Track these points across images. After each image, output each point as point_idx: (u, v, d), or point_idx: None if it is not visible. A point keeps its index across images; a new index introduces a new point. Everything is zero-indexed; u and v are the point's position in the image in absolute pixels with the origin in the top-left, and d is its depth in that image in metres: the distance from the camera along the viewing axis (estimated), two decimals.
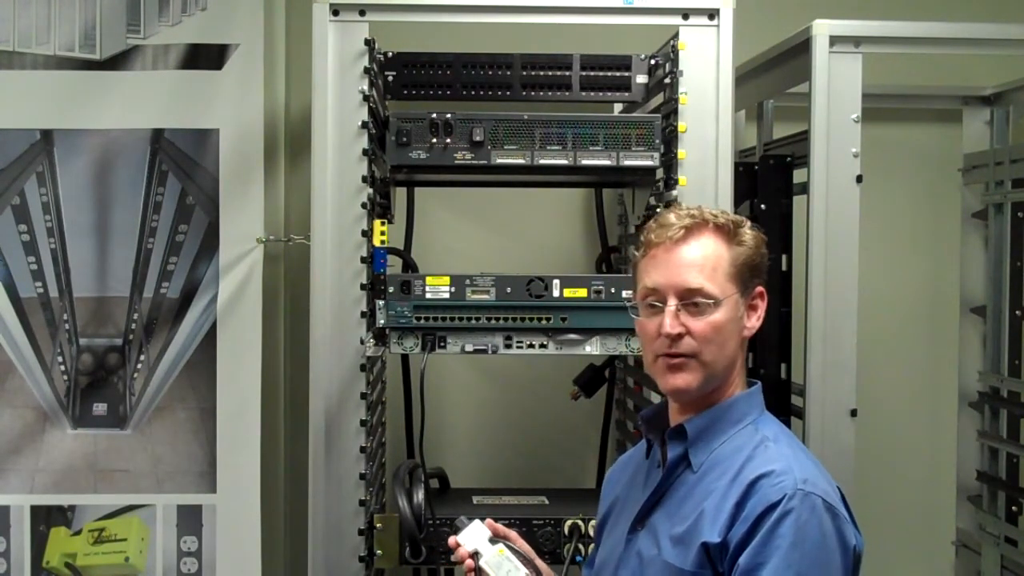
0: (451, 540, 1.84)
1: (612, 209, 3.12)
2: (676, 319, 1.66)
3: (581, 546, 2.38)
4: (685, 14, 2.27)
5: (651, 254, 1.71)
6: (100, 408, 2.90)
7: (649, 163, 2.31)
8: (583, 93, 2.39)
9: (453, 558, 1.85)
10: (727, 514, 1.59)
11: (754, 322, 1.73)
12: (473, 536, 1.82)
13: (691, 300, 1.66)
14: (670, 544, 1.65)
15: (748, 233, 1.72)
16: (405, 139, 2.28)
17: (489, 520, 1.86)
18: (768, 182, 2.59)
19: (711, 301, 1.65)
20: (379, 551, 2.33)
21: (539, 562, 1.89)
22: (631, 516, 1.75)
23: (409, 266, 2.88)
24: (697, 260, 1.67)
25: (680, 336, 1.66)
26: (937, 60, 3.09)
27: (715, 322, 1.66)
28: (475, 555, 1.80)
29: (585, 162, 2.30)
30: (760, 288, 1.73)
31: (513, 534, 1.87)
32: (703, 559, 1.59)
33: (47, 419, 2.89)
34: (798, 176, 2.57)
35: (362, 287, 2.27)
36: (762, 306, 1.74)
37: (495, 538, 1.83)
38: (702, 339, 1.66)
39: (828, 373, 2.34)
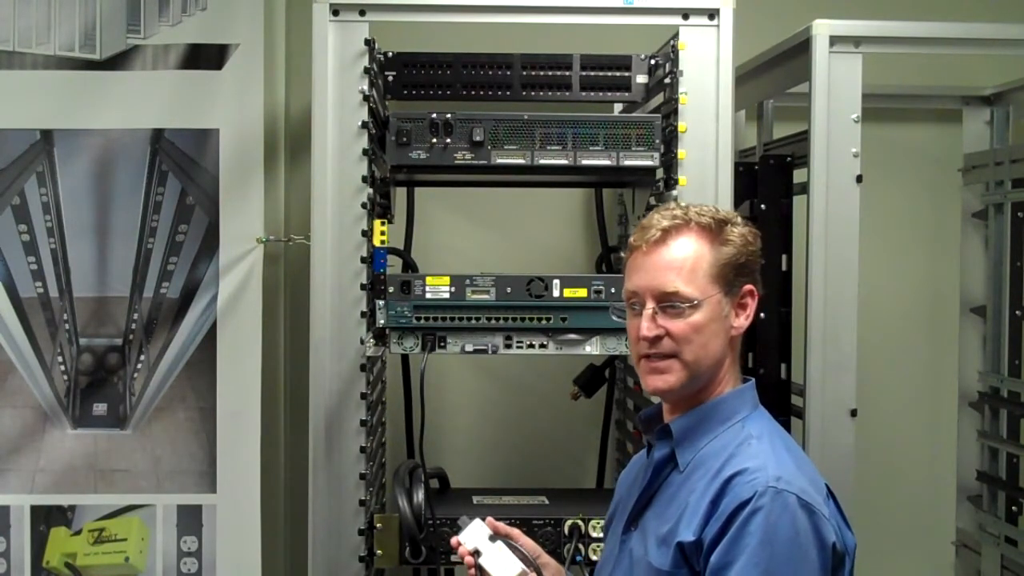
0: (453, 540, 1.85)
1: (612, 209, 3.13)
2: (653, 322, 1.66)
3: (581, 546, 2.38)
4: (685, 14, 2.27)
5: (632, 256, 1.71)
6: (100, 408, 2.90)
7: (649, 163, 2.31)
8: (583, 93, 2.39)
9: (454, 557, 1.85)
10: (702, 512, 1.59)
11: (743, 321, 1.71)
12: (474, 535, 1.83)
13: (668, 303, 1.66)
14: (655, 544, 1.65)
15: (734, 231, 1.70)
16: (405, 139, 2.28)
17: (490, 519, 1.86)
18: (768, 182, 2.59)
19: (687, 303, 1.65)
20: (379, 551, 2.33)
21: (545, 557, 1.89)
22: (625, 516, 1.76)
23: (409, 266, 2.89)
24: (675, 262, 1.66)
25: (659, 338, 1.66)
26: (937, 60, 3.09)
27: (694, 323, 1.65)
28: (476, 554, 1.81)
29: (585, 162, 2.30)
30: (749, 286, 1.72)
31: (516, 532, 1.87)
32: (679, 558, 1.59)
33: (47, 419, 2.89)
34: (798, 176, 2.57)
35: (362, 287, 2.27)
36: (752, 304, 1.72)
37: (495, 536, 1.83)
38: (681, 339, 1.65)
39: (828, 373, 2.34)
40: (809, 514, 1.55)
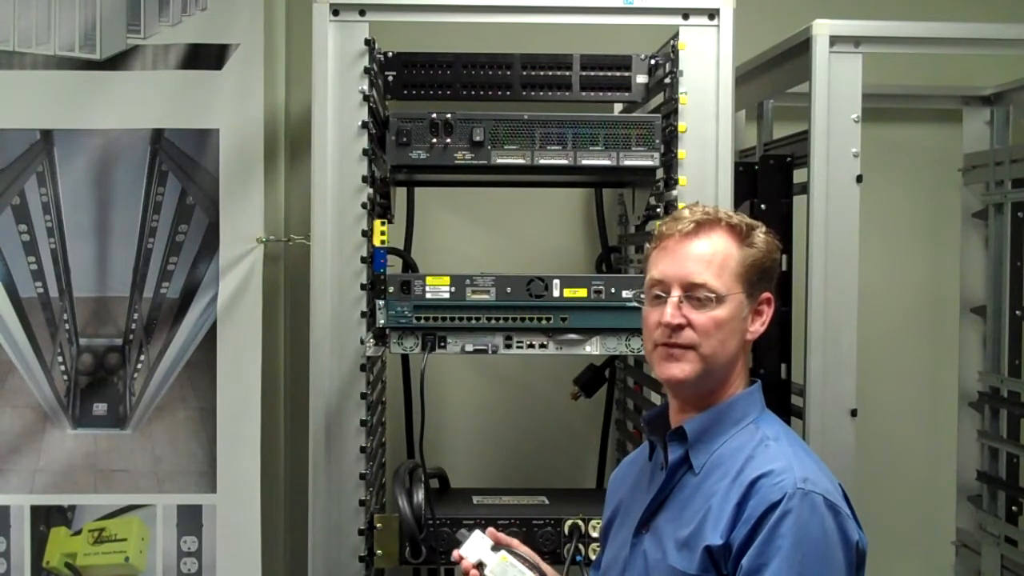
0: (455, 554, 1.83)
1: (612, 209, 3.12)
2: (678, 310, 1.67)
3: (581, 546, 2.38)
4: (685, 14, 2.27)
5: (661, 245, 1.72)
6: (100, 408, 2.90)
7: (649, 163, 2.31)
8: (583, 93, 2.39)
9: (455, 569, 1.84)
10: (728, 515, 1.59)
11: (758, 327, 1.73)
12: (475, 547, 1.82)
13: (694, 294, 1.67)
14: (675, 548, 1.65)
15: (760, 237, 1.72)
16: (405, 139, 2.28)
17: (491, 529, 1.85)
18: (768, 182, 2.59)
19: (713, 296, 1.66)
20: (379, 551, 2.33)
21: (544, 566, 1.89)
22: (635, 519, 1.75)
23: (409, 266, 2.88)
24: (705, 255, 1.68)
25: (680, 327, 1.67)
26: (937, 60, 3.09)
27: (717, 317, 1.66)
28: (479, 566, 1.80)
29: (585, 162, 2.30)
30: (768, 294, 1.74)
31: (515, 541, 1.87)
32: (707, 562, 1.59)
33: (47, 419, 2.89)
34: (798, 176, 2.57)
35: (362, 287, 2.27)
36: (768, 312, 1.74)
37: (497, 546, 1.83)
38: (703, 332, 1.66)
39: (828, 373, 2.34)
40: (835, 514, 1.57)
